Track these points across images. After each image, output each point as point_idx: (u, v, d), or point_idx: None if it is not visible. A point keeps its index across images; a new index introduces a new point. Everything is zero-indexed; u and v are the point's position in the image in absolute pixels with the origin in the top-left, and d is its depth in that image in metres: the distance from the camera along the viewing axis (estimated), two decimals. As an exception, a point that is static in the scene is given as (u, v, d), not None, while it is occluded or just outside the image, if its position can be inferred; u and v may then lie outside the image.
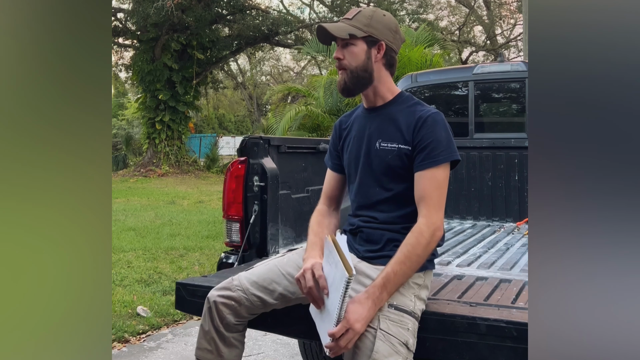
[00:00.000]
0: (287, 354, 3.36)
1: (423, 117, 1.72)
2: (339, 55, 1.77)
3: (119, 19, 18.71)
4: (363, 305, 1.52)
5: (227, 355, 1.77)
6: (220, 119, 36.52)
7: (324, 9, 21.71)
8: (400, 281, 1.60)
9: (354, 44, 1.75)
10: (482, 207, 3.67)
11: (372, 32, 1.75)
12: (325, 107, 11.00)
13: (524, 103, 3.69)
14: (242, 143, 2.43)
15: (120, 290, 4.51)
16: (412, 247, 1.61)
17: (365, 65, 1.76)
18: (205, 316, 1.78)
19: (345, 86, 1.79)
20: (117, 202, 10.60)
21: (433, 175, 1.68)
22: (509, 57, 21.66)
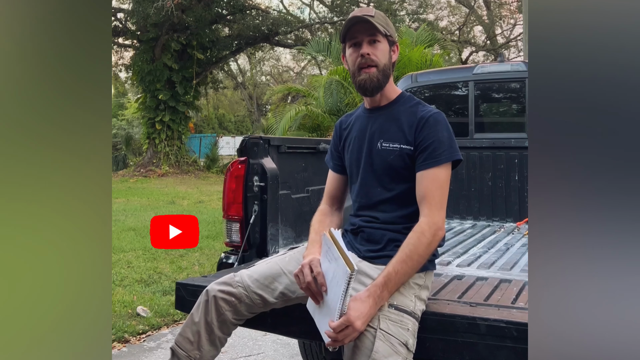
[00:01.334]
0: (287, 354, 3.36)
1: (425, 117, 1.73)
2: (368, 51, 1.73)
3: (119, 19, 18.71)
4: (364, 303, 1.52)
5: (205, 353, 1.75)
6: (220, 119, 36.52)
7: (324, 9, 21.71)
8: (401, 280, 1.60)
9: (380, 41, 1.76)
10: (482, 207, 3.67)
11: (390, 32, 1.78)
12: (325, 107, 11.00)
13: (524, 103, 3.69)
14: (242, 143, 2.43)
15: (120, 290, 4.51)
16: (414, 247, 1.60)
17: (388, 64, 1.78)
18: (199, 308, 1.76)
19: (377, 83, 1.76)
20: (117, 202, 10.59)
21: (435, 174, 1.68)
22: (509, 57, 21.66)
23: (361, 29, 1.74)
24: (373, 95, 1.81)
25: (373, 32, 1.73)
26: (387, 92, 1.82)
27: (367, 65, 1.74)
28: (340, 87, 10.79)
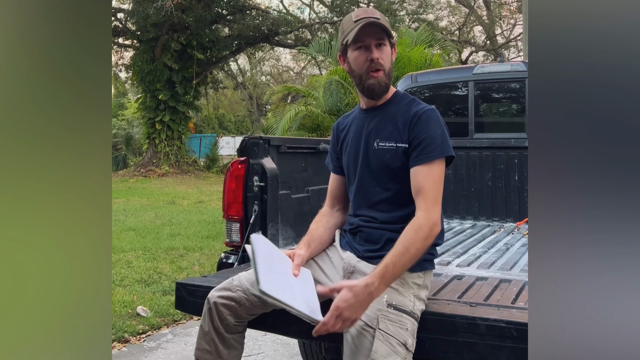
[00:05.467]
0: (287, 354, 3.36)
1: (418, 113, 1.74)
2: (377, 55, 1.73)
3: (119, 19, 18.70)
4: (358, 295, 1.51)
5: (226, 356, 1.77)
6: (220, 119, 36.52)
7: (324, 9, 21.70)
8: (398, 273, 1.59)
9: (386, 45, 1.76)
10: (482, 207, 3.67)
11: (391, 35, 1.78)
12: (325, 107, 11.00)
13: (524, 103, 3.69)
14: (242, 143, 2.43)
15: (120, 290, 4.51)
16: (412, 240, 1.60)
17: (391, 67, 1.79)
18: (205, 317, 1.78)
19: (385, 87, 1.78)
20: (117, 202, 10.59)
21: (429, 170, 1.68)
22: (509, 57, 21.66)
23: (370, 32, 1.72)
24: (380, 98, 1.81)
25: (381, 35, 1.73)
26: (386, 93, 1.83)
27: (376, 69, 1.74)
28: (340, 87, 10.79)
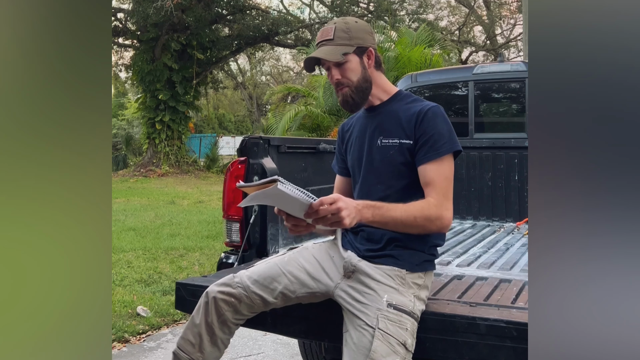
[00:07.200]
0: (287, 354, 3.36)
1: (423, 110, 1.74)
2: (337, 76, 1.77)
3: (119, 19, 18.70)
4: (349, 204, 1.54)
5: (207, 354, 1.76)
6: (220, 119, 36.52)
7: (324, 9, 21.70)
8: (387, 221, 1.61)
9: (348, 61, 1.76)
10: (482, 207, 3.67)
11: (358, 42, 1.77)
12: (325, 107, 11.00)
13: (524, 103, 3.69)
14: (242, 143, 2.43)
15: (120, 290, 4.51)
16: (420, 209, 1.63)
17: (364, 76, 1.79)
18: (200, 310, 1.77)
19: (353, 102, 1.80)
20: (117, 202, 10.59)
21: (438, 166, 1.69)
22: (509, 57, 21.66)
23: (310, 65, 1.81)
24: (356, 111, 1.87)
25: (335, 56, 1.74)
26: (377, 93, 1.83)
27: (340, 88, 1.79)
28: (340, 87, 10.76)
